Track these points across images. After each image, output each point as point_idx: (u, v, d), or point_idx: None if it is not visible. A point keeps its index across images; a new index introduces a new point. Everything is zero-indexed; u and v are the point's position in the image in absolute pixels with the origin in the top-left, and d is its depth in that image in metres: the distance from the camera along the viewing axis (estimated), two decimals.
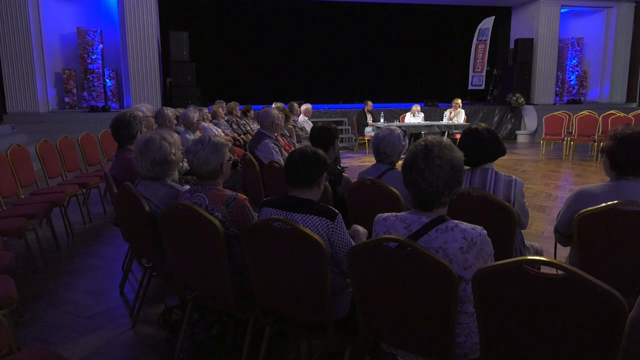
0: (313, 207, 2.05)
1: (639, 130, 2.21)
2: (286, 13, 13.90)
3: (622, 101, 13.76)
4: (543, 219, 5.28)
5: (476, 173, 2.56)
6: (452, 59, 14.94)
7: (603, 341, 1.38)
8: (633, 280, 1.76)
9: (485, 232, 1.70)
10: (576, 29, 14.41)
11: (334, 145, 3.24)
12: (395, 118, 11.34)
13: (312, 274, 1.97)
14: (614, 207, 2.11)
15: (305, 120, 8.49)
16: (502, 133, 13.08)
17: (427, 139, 1.75)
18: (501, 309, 1.54)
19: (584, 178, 7.79)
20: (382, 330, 1.88)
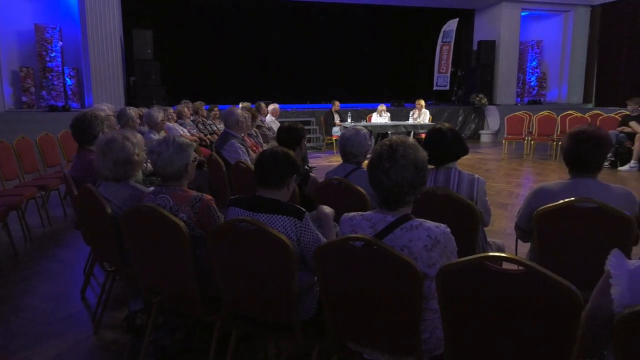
0: (280, 207, 2.05)
1: (594, 130, 2.30)
2: (253, 12, 13.80)
3: (579, 102, 14.28)
4: (505, 216, 5.42)
5: (440, 172, 2.61)
6: (418, 60, 15.16)
7: (561, 333, 1.43)
8: (588, 274, 1.82)
9: (448, 230, 1.73)
10: (536, 32, 14.88)
11: (300, 145, 3.24)
12: (362, 118, 11.43)
13: (279, 275, 1.96)
14: (571, 204, 2.19)
15: (272, 120, 8.45)
16: (466, 133, 13.38)
17: (392, 139, 1.77)
18: (464, 304, 1.57)
19: (544, 176, 8.05)
20: (348, 328, 1.89)
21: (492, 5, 13.67)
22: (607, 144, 2.29)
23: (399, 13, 14.46)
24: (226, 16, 13.57)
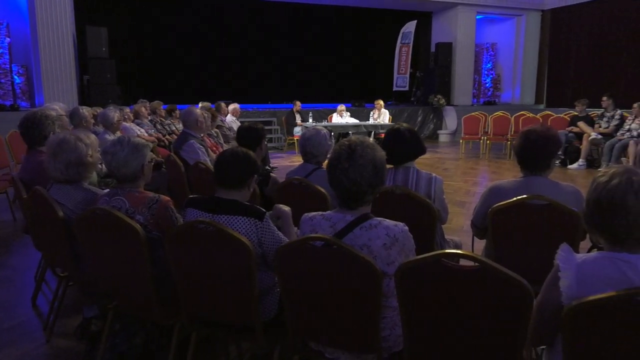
0: (240, 208, 2.03)
1: (543, 130, 2.40)
2: (213, 10, 13.59)
3: (531, 102, 14.82)
4: (463, 214, 5.57)
5: (399, 171, 2.66)
6: (378, 61, 15.35)
7: (514, 325, 1.48)
8: (540, 268, 1.89)
9: (406, 228, 1.77)
10: (490, 35, 15.35)
11: (261, 146, 3.22)
12: (323, 118, 11.46)
13: (240, 276, 1.94)
14: (523, 202, 2.27)
15: (233, 120, 8.37)
16: (425, 133, 13.66)
17: (351, 139, 1.79)
18: (422, 301, 1.60)
19: (499, 175, 8.31)
20: (310, 328, 1.90)
21: (449, 9, 13.99)
22: (555, 143, 2.39)
23: (359, 14, 14.60)
24: (185, 14, 13.31)
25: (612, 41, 12.33)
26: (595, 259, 1.40)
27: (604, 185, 1.36)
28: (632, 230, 1.34)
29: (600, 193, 1.37)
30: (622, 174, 1.35)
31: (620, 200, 1.32)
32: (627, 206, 1.32)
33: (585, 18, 13.06)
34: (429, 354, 1.67)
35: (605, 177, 1.38)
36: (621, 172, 1.36)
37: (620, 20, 12.11)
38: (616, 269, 1.34)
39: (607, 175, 1.38)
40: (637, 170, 1.36)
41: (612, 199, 1.34)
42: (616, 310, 1.28)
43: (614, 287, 1.30)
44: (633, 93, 10.74)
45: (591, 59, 12.93)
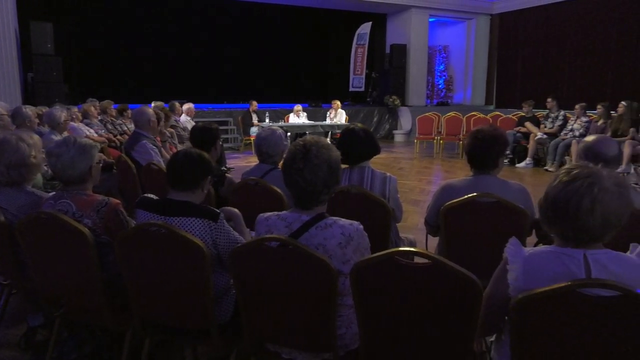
0: (193, 209, 1.99)
1: (491, 130, 2.48)
2: (167, 7, 13.25)
3: (482, 103, 15.32)
4: (417, 212, 5.68)
5: (354, 171, 2.68)
6: (335, 61, 15.45)
7: (464, 319, 1.53)
8: (489, 263, 1.96)
9: (361, 227, 1.79)
10: (443, 37, 15.77)
11: (215, 146, 3.17)
12: (280, 118, 11.43)
13: (194, 279, 1.91)
14: (473, 199, 2.34)
15: (187, 120, 8.21)
16: (381, 133, 13.86)
17: (306, 139, 1.80)
18: (377, 298, 1.63)
19: (452, 173, 8.54)
20: (266, 329, 1.89)
21: (402, 11, 14.25)
22: (502, 142, 2.48)
23: (316, 15, 14.63)
24: (137, 10, 12.90)
25: (556, 45, 12.94)
26: (541, 252, 1.47)
27: (565, 185, 1.37)
28: (580, 232, 1.38)
29: (560, 192, 1.38)
30: (585, 178, 1.35)
31: (576, 203, 1.34)
32: (580, 210, 1.34)
33: (531, 23, 13.63)
34: (385, 350, 1.70)
35: (568, 176, 1.38)
36: (585, 174, 1.36)
37: (562, 26, 12.72)
38: (561, 263, 1.41)
39: (571, 175, 1.38)
40: (602, 176, 1.35)
41: (569, 201, 1.35)
42: (560, 302, 1.35)
43: (558, 280, 1.36)
44: (575, 95, 11.32)
45: (536, 62, 13.51)
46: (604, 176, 1.36)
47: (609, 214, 1.33)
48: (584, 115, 8.64)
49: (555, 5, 12.82)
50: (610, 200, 1.33)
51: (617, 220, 1.36)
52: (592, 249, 1.40)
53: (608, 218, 1.34)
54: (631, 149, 7.26)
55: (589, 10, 12.03)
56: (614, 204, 1.34)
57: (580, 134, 8.32)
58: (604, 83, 11.72)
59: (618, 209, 1.34)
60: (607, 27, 11.68)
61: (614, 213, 1.34)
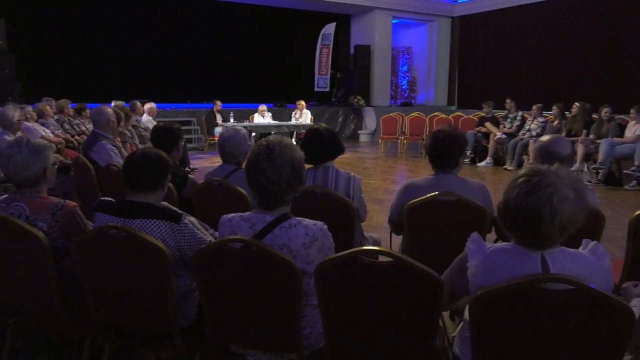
0: (155, 211, 1.95)
1: (450, 130, 2.54)
2: (127, 2, 12.88)
3: (444, 104, 15.64)
4: (382, 211, 5.74)
5: (319, 171, 2.69)
6: (299, 61, 15.43)
7: (426, 315, 1.56)
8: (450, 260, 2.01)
9: (325, 227, 1.79)
10: (406, 39, 16.01)
11: (177, 146, 3.12)
12: (245, 118, 11.33)
13: (155, 282, 1.87)
14: (434, 198, 2.39)
15: (149, 120, 8.02)
16: (346, 133, 13.95)
17: (269, 139, 1.79)
18: (341, 297, 1.64)
19: (416, 173, 8.68)
20: (230, 331, 1.87)
21: (366, 12, 14.38)
22: (461, 142, 2.54)
23: (280, 14, 14.57)
24: (96, 5, 12.49)
25: (514, 47, 13.35)
26: (501, 250, 1.51)
27: (525, 197, 1.37)
28: (539, 239, 1.42)
29: (521, 204, 1.38)
30: (545, 188, 1.36)
31: (537, 215, 1.36)
32: (540, 221, 1.36)
33: (490, 26, 14.02)
34: (349, 349, 1.71)
35: (528, 186, 1.38)
36: (545, 184, 1.36)
37: (520, 29, 13.14)
38: (519, 261, 1.45)
39: (530, 185, 1.38)
40: (561, 183, 1.37)
41: (530, 211, 1.37)
42: (518, 297, 1.39)
43: (517, 276, 1.39)
44: (532, 96, 11.68)
45: (496, 64, 13.90)
46: (562, 183, 1.37)
47: (566, 221, 1.37)
48: (540, 116, 8.95)
49: (512, 10, 13.23)
50: (568, 208, 1.36)
51: (574, 225, 1.40)
52: (550, 249, 1.45)
53: (566, 225, 1.38)
54: (584, 148, 7.57)
55: (545, 15, 12.48)
56: (572, 210, 1.37)
57: (537, 133, 8.61)
58: (559, 85, 12.18)
59: (575, 215, 1.38)
60: (561, 31, 12.14)
61: (571, 220, 1.38)
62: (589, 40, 11.58)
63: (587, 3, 11.56)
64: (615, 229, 4.08)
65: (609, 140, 7.32)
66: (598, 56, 11.40)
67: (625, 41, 10.86)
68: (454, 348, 1.71)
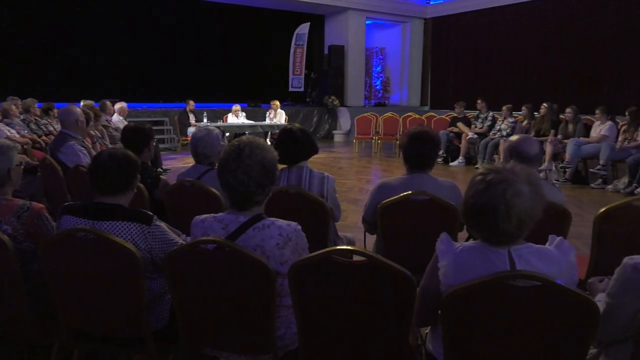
0: (125, 213, 1.91)
1: (425, 130, 2.58)
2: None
3: (417, 104, 15.82)
4: (356, 211, 5.77)
5: (292, 171, 2.69)
6: (274, 61, 15.38)
7: (399, 313, 1.57)
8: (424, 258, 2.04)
9: (299, 227, 1.79)
10: (379, 39, 16.13)
11: (149, 147, 3.06)
12: (218, 118, 11.22)
13: (126, 286, 1.84)
14: (407, 197, 2.42)
15: (120, 120, 7.88)
16: (321, 133, 13.97)
17: (241, 139, 1.78)
18: (315, 297, 1.64)
19: (390, 172, 8.75)
20: (204, 334, 1.85)
21: (340, 13, 14.43)
22: (434, 142, 2.58)
23: (255, 14, 14.47)
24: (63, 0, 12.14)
25: (485, 49, 13.60)
26: (470, 248, 1.53)
27: (481, 194, 1.43)
28: (500, 235, 1.46)
29: (477, 201, 1.44)
30: (498, 184, 1.41)
31: (492, 211, 1.41)
32: (497, 217, 1.41)
33: (462, 28, 14.26)
34: (324, 349, 1.72)
35: (483, 184, 1.44)
36: (498, 180, 1.41)
37: (491, 31, 13.40)
38: (487, 259, 1.48)
39: (485, 182, 1.43)
40: (514, 179, 1.41)
41: (486, 209, 1.42)
42: (487, 294, 1.41)
43: (485, 274, 1.42)
44: (502, 96, 11.94)
45: (467, 65, 14.14)
46: (516, 179, 1.42)
47: (523, 215, 1.41)
48: (510, 116, 9.14)
49: (483, 12, 13.48)
50: (522, 203, 1.40)
51: (532, 219, 1.44)
52: (516, 245, 1.48)
53: (523, 219, 1.42)
54: (552, 147, 7.77)
55: (514, 18, 12.76)
56: (527, 204, 1.41)
57: (507, 133, 8.79)
58: (528, 86, 12.47)
59: (532, 209, 1.42)
60: (530, 33, 12.43)
61: (527, 214, 1.42)
62: (556, 43, 11.91)
63: (555, 6, 11.87)
64: (581, 226, 4.21)
65: (576, 140, 7.53)
66: (565, 58, 11.73)
67: (591, 44, 11.21)
68: (427, 345, 1.73)
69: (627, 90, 10.66)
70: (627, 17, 10.56)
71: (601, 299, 1.55)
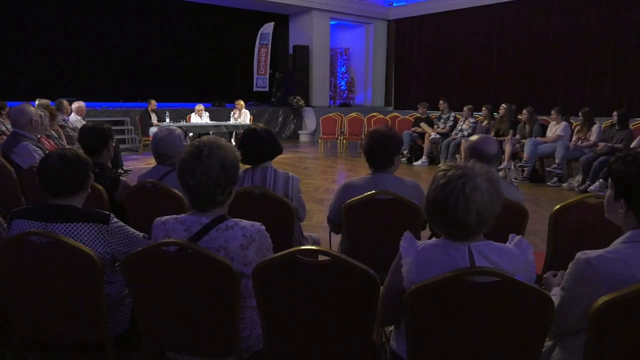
0: (80, 214, 1.85)
1: (386, 130, 2.61)
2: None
3: (381, 104, 16.01)
4: (322, 211, 5.78)
5: (257, 171, 2.67)
6: (238, 60, 15.23)
7: (363, 312, 1.58)
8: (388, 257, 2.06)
9: (263, 227, 1.78)
10: (344, 40, 16.24)
11: (108, 147, 2.97)
12: (182, 118, 11.04)
13: (84, 290, 1.78)
14: (371, 197, 2.44)
15: (77, 120, 7.62)
16: (287, 133, 13.94)
17: (201, 139, 1.76)
18: (279, 298, 1.63)
19: (355, 172, 8.82)
20: (166, 338, 1.81)
21: (304, 13, 14.44)
22: (396, 142, 2.61)
23: (218, 12, 14.28)
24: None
25: (447, 51, 13.91)
26: (432, 245, 1.56)
27: (442, 189, 1.47)
28: (460, 229, 1.49)
29: (438, 195, 1.48)
30: (458, 179, 1.46)
31: (453, 204, 1.45)
32: (457, 210, 1.45)
33: (424, 30, 14.52)
34: (288, 349, 1.71)
35: (444, 179, 1.49)
36: (458, 175, 1.46)
37: (452, 33, 13.71)
38: (448, 255, 1.51)
39: (446, 177, 1.49)
40: (473, 175, 1.46)
41: (446, 202, 1.46)
42: (447, 291, 1.44)
43: (446, 270, 1.45)
44: (463, 97, 12.25)
45: (430, 66, 14.42)
46: (474, 175, 1.47)
47: (482, 209, 1.45)
48: (471, 117, 9.37)
49: (444, 15, 13.78)
50: (481, 197, 1.45)
51: (491, 214, 1.49)
52: (475, 242, 1.52)
53: (482, 213, 1.46)
54: (511, 147, 8.01)
55: (475, 21, 13.10)
56: (486, 199, 1.46)
57: (469, 133, 9.00)
58: (488, 87, 12.83)
59: (489, 203, 1.47)
60: (489, 36, 12.80)
61: (486, 208, 1.46)
62: (514, 45, 12.30)
63: (513, 12, 12.25)
64: (538, 223, 4.35)
65: (533, 140, 7.79)
66: (523, 61, 12.13)
67: (547, 48, 11.63)
68: (391, 343, 1.75)
69: (581, 92, 11.14)
70: (581, 24, 11.02)
71: (556, 292, 1.60)
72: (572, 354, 1.55)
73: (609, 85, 10.75)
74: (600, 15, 10.72)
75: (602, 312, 1.36)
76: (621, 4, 10.38)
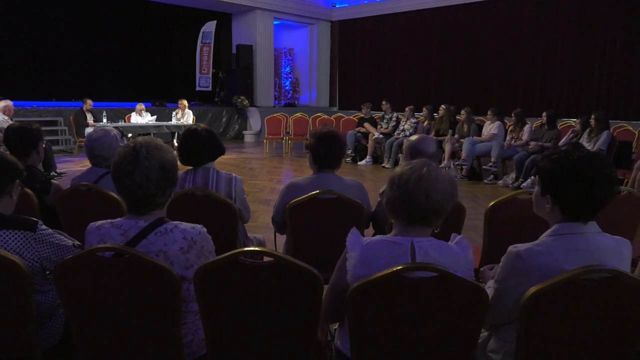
0: (4, 222, 1.74)
1: (331, 130, 2.63)
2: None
3: (326, 105, 16.13)
4: (268, 211, 5.74)
5: (198, 172, 2.61)
6: (180, 59, 14.84)
7: (307, 311, 1.58)
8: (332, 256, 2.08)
9: (204, 230, 1.74)
10: (288, 40, 16.22)
11: (37, 149, 2.80)
12: (120, 118, 10.62)
13: (11, 301, 1.67)
14: (315, 197, 2.45)
15: (5, 120, 7.16)
16: (231, 133, 13.75)
17: (137, 140, 1.69)
18: (222, 301, 1.61)
19: (301, 172, 8.83)
20: (103, 347, 1.73)
21: (247, 12, 14.28)
22: (339, 142, 2.64)
23: (159, 9, 13.82)
24: None
25: (389, 52, 14.23)
26: (377, 242, 1.59)
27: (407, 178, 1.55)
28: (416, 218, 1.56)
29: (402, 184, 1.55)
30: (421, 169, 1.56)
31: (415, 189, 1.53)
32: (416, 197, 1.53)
33: (366, 31, 14.78)
34: (232, 352, 1.68)
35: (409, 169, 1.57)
36: (420, 166, 1.57)
37: (394, 36, 14.04)
38: (391, 250, 1.54)
39: (410, 165, 1.58)
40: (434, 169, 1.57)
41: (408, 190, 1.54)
42: (388, 286, 1.47)
43: (389, 266, 1.48)
44: (405, 98, 12.57)
45: (373, 67, 14.69)
46: (434, 169, 1.58)
47: (441, 198, 1.54)
48: (412, 117, 9.63)
49: (386, 17, 14.09)
50: (439, 188, 1.54)
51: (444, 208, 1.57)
52: (419, 237, 1.56)
53: (439, 203, 1.55)
54: (451, 146, 8.31)
55: (414, 24, 13.48)
56: (442, 187, 1.55)
57: (411, 133, 9.24)
58: (428, 88, 13.25)
59: (444, 196, 1.55)
60: (429, 39, 13.21)
61: (443, 199, 1.55)
62: (453, 49, 12.77)
63: (452, 15, 12.72)
64: (476, 219, 4.53)
65: (470, 139, 8.12)
66: (461, 64, 12.62)
67: (482, 50, 12.16)
68: (336, 341, 1.77)
69: (514, 94, 11.74)
70: (514, 31, 11.62)
71: (491, 285, 1.68)
72: (506, 343, 1.63)
73: (539, 88, 11.41)
74: (530, 23, 11.35)
75: (532, 301, 1.44)
76: (549, 13, 11.04)
